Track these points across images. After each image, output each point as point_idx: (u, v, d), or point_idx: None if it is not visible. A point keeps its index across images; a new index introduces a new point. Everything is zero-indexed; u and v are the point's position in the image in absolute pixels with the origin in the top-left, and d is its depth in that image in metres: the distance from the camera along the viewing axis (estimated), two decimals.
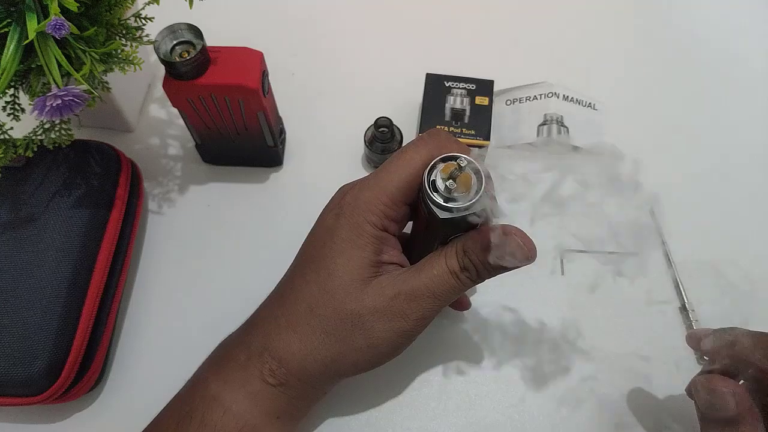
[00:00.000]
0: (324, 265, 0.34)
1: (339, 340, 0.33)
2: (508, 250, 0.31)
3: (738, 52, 0.57)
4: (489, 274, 0.33)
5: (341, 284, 0.33)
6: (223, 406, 0.33)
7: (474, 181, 0.30)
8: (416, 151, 0.33)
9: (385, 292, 0.33)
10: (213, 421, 0.32)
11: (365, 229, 0.33)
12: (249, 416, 0.33)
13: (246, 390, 0.33)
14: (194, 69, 0.38)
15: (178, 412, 0.34)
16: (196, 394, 0.34)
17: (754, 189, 0.50)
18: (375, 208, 0.33)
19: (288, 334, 0.34)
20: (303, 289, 0.34)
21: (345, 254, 0.33)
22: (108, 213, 0.42)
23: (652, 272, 0.46)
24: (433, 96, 0.48)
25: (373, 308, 0.33)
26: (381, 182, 0.33)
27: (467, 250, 0.32)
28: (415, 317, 0.33)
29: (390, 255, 0.34)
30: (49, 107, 0.34)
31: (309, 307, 0.33)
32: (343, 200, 0.34)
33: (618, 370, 0.42)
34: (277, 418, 0.34)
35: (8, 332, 0.37)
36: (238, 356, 0.34)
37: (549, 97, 0.52)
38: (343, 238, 0.33)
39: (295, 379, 0.34)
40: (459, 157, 0.30)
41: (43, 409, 0.40)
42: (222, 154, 0.49)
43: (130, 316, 0.44)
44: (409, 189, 0.33)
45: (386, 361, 0.35)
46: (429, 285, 0.33)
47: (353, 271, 0.33)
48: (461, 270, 0.33)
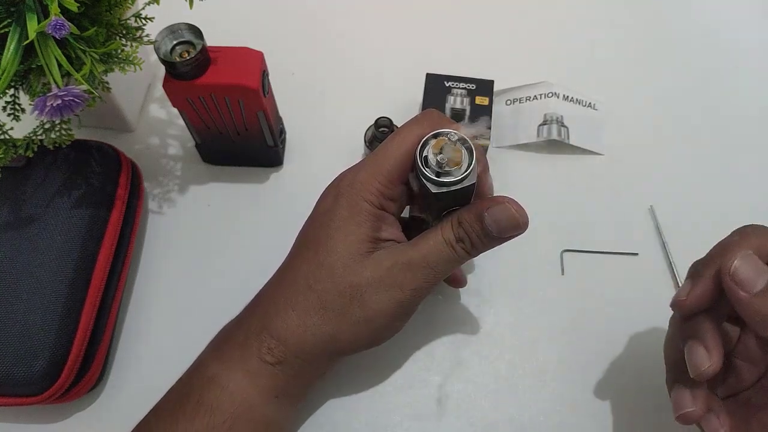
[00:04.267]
0: (323, 243, 0.34)
1: (337, 315, 0.33)
2: (501, 219, 0.32)
3: (739, 51, 0.56)
4: (484, 244, 0.34)
5: (339, 259, 0.33)
6: (220, 385, 0.33)
7: (464, 155, 0.32)
8: (410, 130, 0.34)
9: (382, 264, 0.33)
10: (210, 401, 0.33)
11: (363, 207, 0.34)
12: (246, 395, 0.33)
13: (243, 369, 0.33)
14: (194, 69, 0.38)
15: (177, 394, 0.34)
16: (195, 375, 0.35)
17: (755, 188, 0.50)
18: (372, 188, 0.34)
19: (287, 312, 0.34)
20: (302, 267, 0.35)
21: (343, 231, 0.34)
22: (108, 213, 0.42)
23: (652, 272, 0.46)
24: (433, 96, 0.48)
25: (371, 279, 0.33)
26: (377, 162, 0.34)
27: (462, 221, 0.33)
28: (411, 287, 0.33)
29: (389, 233, 0.35)
30: (50, 107, 0.34)
31: (307, 284, 0.34)
32: (340, 183, 0.35)
33: (618, 370, 0.42)
34: (275, 397, 0.34)
35: (8, 332, 0.37)
36: (237, 337, 0.35)
37: (549, 97, 0.52)
38: (341, 216, 0.34)
39: (293, 357, 0.34)
40: (449, 132, 0.32)
41: (43, 409, 0.40)
42: (222, 154, 0.49)
43: (130, 316, 0.44)
44: (405, 168, 0.34)
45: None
46: (425, 256, 0.33)
47: (351, 246, 0.34)
48: (457, 241, 0.33)
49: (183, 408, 0.33)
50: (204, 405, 0.32)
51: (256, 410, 0.33)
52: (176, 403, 0.34)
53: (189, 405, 0.33)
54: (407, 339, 0.42)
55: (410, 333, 0.42)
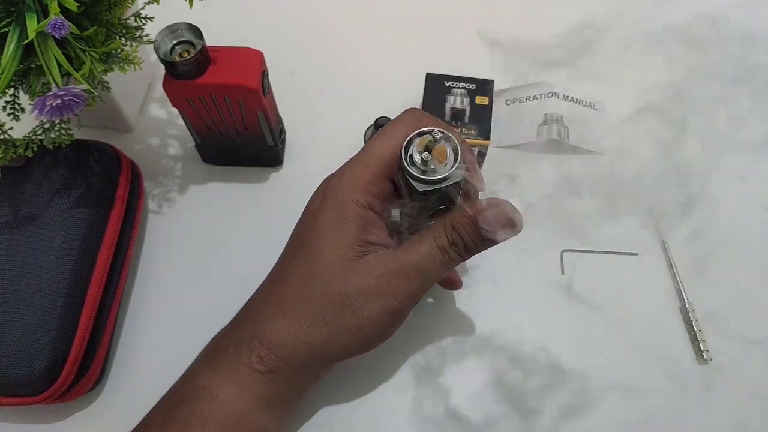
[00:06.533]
0: (311, 247, 0.34)
1: (328, 323, 0.33)
2: (496, 221, 0.32)
3: (739, 52, 0.56)
4: (477, 247, 0.33)
5: (328, 264, 0.33)
6: (211, 394, 0.33)
7: (449, 152, 0.32)
8: (394, 128, 0.34)
9: (372, 271, 0.33)
10: (201, 410, 0.32)
11: (349, 207, 0.34)
12: (237, 404, 0.33)
13: (234, 378, 0.33)
14: (194, 69, 0.38)
15: (168, 404, 0.34)
16: (186, 385, 0.34)
17: (755, 188, 0.49)
18: (358, 185, 0.34)
19: (277, 320, 0.34)
20: (291, 274, 0.35)
21: (331, 235, 0.34)
22: (108, 213, 0.42)
23: (652, 272, 0.46)
24: (433, 96, 0.48)
25: (361, 287, 0.33)
26: (363, 162, 0.34)
27: (455, 224, 0.33)
28: (404, 295, 0.33)
29: (377, 236, 0.35)
30: (49, 107, 0.34)
31: (297, 291, 0.34)
32: (327, 184, 0.35)
33: (618, 370, 0.42)
34: (266, 405, 0.34)
35: (8, 332, 0.37)
36: (228, 346, 0.34)
37: (549, 97, 0.51)
38: (328, 219, 0.34)
39: (284, 365, 0.33)
40: (433, 130, 0.32)
41: (43, 409, 0.40)
42: (222, 154, 0.49)
43: (130, 316, 0.44)
44: (391, 167, 0.34)
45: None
46: (417, 261, 0.33)
47: (340, 250, 0.33)
48: (450, 245, 0.33)
49: (174, 418, 0.33)
50: (195, 415, 0.32)
51: (247, 419, 0.33)
52: (167, 413, 0.33)
53: (180, 415, 0.32)
54: (403, 341, 0.42)
55: (407, 335, 0.42)
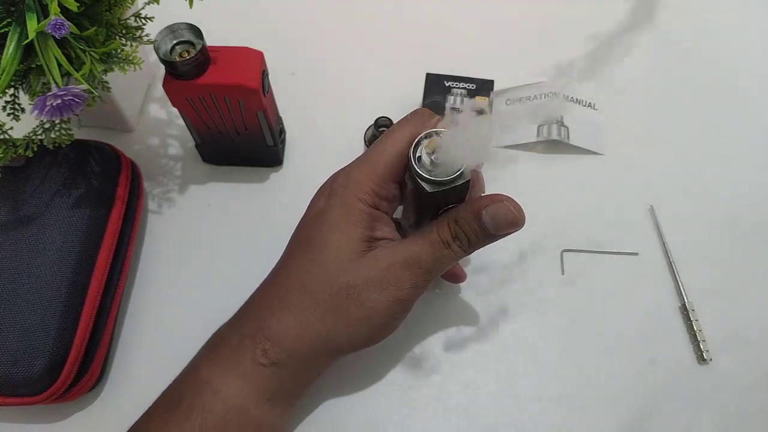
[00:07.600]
0: (317, 243, 0.34)
1: (334, 314, 0.33)
2: (498, 216, 0.32)
3: (739, 53, 0.56)
4: (480, 242, 0.34)
5: (334, 258, 0.33)
6: (212, 388, 0.33)
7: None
8: (401, 130, 0.34)
9: (379, 264, 0.33)
10: (202, 404, 0.32)
11: (357, 206, 0.34)
12: (238, 398, 0.33)
13: (236, 372, 0.33)
14: (194, 69, 0.38)
15: (169, 397, 0.34)
16: (188, 379, 0.35)
17: (755, 187, 0.49)
18: (366, 186, 0.34)
19: (282, 313, 0.34)
20: (296, 268, 0.35)
21: (337, 231, 0.34)
22: (108, 213, 0.42)
23: (652, 272, 0.46)
24: (433, 96, 0.48)
25: (367, 279, 0.33)
26: (370, 162, 0.34)
27: (458, 219, 0.33)
28: (409, 286, 0.33)
29: (383, 232, 0.35)
30: (49, 107, 0.34)
31: (302, 284, 0.34)
32: (333, 183, 0.35)
33: (618, 370, 0.42)
34: (268, 399, 0.34)
35: (8, 332, 0.37)
36: (231, 339, 0.34)
37: (549, 97, 0.51)
38: (335, 216, 0.34)
39: (288, 358, 0.34)
40: (441, 131, 0.32)
41: (43, 409, 0.40)
42: (222, 154, 0.49)
43: (130, 316, 0.44)
44: (397, 166, 0.34)
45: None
46: (422, 254, 0.33)
47: (346, 246, 0.34)
48: (453, 239, 0.33)
49: (175, 411, 0.33)
50: (196, 408, 0.32)
51: (248, 413, 0.33)
52: (168, 407, 0.33)
53: (181, 408, 0.33)
54: (406, 337, 0.43)
55: (409, 331, 0.43)
